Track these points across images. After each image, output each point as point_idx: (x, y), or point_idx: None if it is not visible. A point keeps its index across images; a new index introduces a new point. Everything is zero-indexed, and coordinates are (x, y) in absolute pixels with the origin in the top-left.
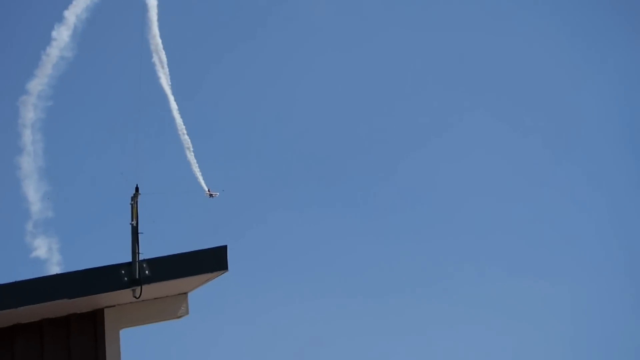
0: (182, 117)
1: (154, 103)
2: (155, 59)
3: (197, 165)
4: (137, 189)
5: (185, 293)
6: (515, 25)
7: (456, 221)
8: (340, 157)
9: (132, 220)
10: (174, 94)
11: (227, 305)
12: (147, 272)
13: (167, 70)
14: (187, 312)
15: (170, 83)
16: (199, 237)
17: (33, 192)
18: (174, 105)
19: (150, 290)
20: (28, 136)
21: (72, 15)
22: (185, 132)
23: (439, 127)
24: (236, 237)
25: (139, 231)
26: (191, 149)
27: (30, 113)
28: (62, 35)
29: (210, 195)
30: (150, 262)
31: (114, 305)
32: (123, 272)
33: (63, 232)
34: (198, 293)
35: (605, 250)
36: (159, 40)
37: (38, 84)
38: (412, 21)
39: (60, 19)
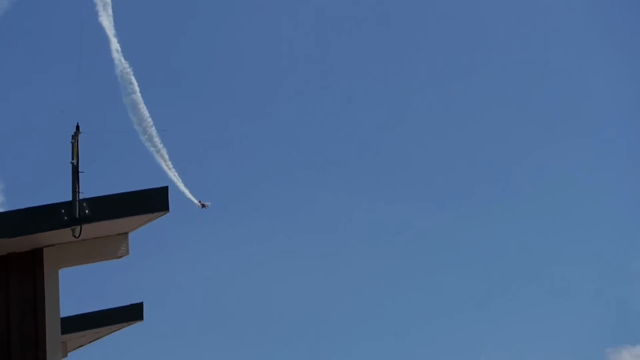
0: (126, 59)
1: (96, 44)
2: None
3: (143, 105)
4: (77, 127)
5: (126, 233)
6: None
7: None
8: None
9: (73, 159)
10: (117, 35)
11: (168, 246)
12: (87, 211)
13: (110, 11)
14: (127, 252)
15: (113, 24)
16: (140, 177)
17: None
18: (115, 46)
19: (90, 230)
20: None
21: None
22: (130, 73)
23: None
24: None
25: (80, 170)
26: (137, 90)
27: None
28: None
29: (203, 205)
30: (90, 201)
31: (53, 245)
32: (63, 211)
33: (5, 173)
34: (139, 233)
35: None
36: None
37: None
38: None
39: None
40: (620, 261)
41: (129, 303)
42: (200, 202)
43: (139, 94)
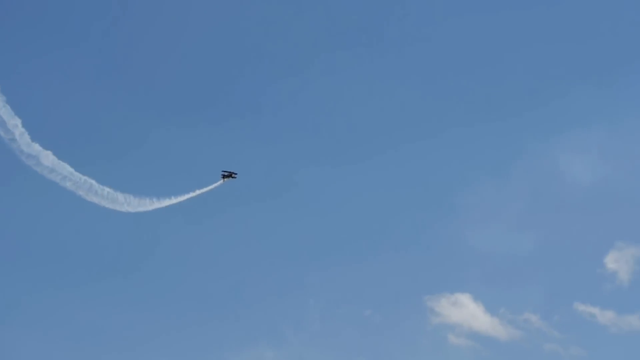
0: None
1: None
2: None
3: None
4: None
5: None
6: None
7: None
8: None
9: None
10: None
11: None
12: None
13: None
14: None
15: None
16: None
17: None
18: None
19: None
20: None
21: None
22: None
23: None
24: None
25: None
26: None
27: None
28: None
29: (230, 176)
30: None
31: None
32: None
33: None
34: None
35: None
36: None
37: None
38: None
39: None
40: (444, 196)
41: None
42: (224, 176)
43: None
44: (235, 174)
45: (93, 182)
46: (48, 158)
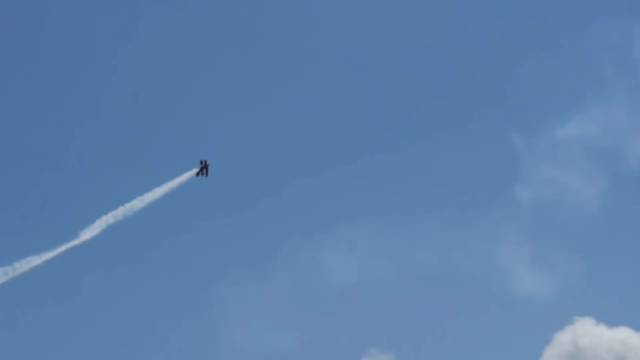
0: None
1: None
2: None
3: None
4: None
5: None
6: None
7: None
8: None
9: None
10: None
11: None
12: None
13: None
14: None
15: None
16: None
17: None
18: None
19: None
20: None
21: None
22: None
23: None
24: None
25: None
26: None
27: None
28: None
29: (203, 167)
30: None
31: None
32: None
33: None
34: None
35: None
36: None
37: None
38: None
39: None
40: (200, 290)
41: None
42: (200, 170)
43: None
44: (206, 176)
45: None
46: None
